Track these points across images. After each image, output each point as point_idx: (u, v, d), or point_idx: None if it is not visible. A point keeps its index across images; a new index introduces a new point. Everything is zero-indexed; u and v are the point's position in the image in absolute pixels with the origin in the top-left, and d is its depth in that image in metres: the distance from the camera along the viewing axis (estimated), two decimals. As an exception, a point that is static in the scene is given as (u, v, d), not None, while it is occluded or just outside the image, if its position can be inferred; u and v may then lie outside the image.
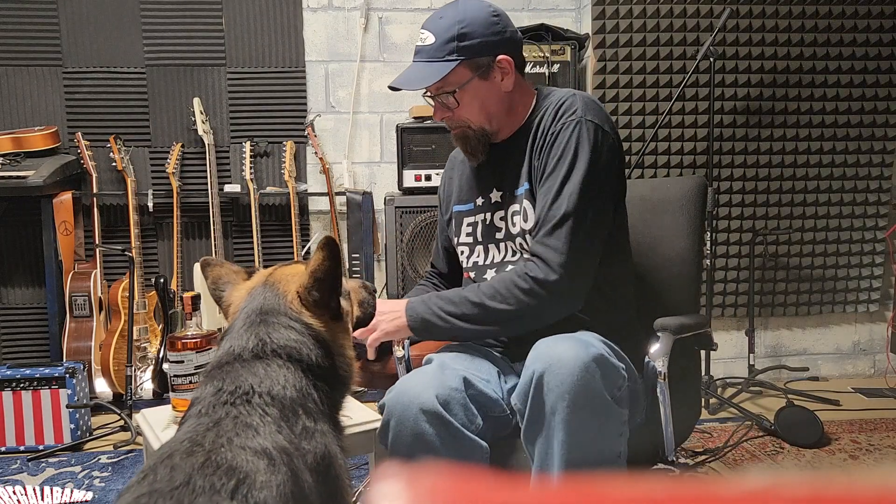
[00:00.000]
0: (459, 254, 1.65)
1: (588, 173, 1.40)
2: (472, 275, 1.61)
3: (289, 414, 0.98)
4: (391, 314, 1.46)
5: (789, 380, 3.38)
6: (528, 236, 1.48)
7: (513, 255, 1.54)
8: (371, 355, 1.49)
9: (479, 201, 1.61)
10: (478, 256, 1.59)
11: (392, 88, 1.52)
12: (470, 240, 1.62)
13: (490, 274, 1.57)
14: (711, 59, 2.93)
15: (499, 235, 1.56)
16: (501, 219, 1.56)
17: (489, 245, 1.58)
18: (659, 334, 1.49)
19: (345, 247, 3.23)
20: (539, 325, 1.41)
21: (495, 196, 1.57)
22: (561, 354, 1.20)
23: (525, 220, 1.50)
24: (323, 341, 1.10)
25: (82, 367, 2.72)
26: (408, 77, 1.50)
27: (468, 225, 1.63)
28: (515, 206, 1.52)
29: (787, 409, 2.76)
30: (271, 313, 1.09)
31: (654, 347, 1.47)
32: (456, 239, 1.65)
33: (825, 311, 3.46)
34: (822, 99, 3.29)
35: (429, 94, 1.53)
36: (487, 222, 1.58)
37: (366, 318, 1.32)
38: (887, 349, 3.51)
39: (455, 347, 1.54)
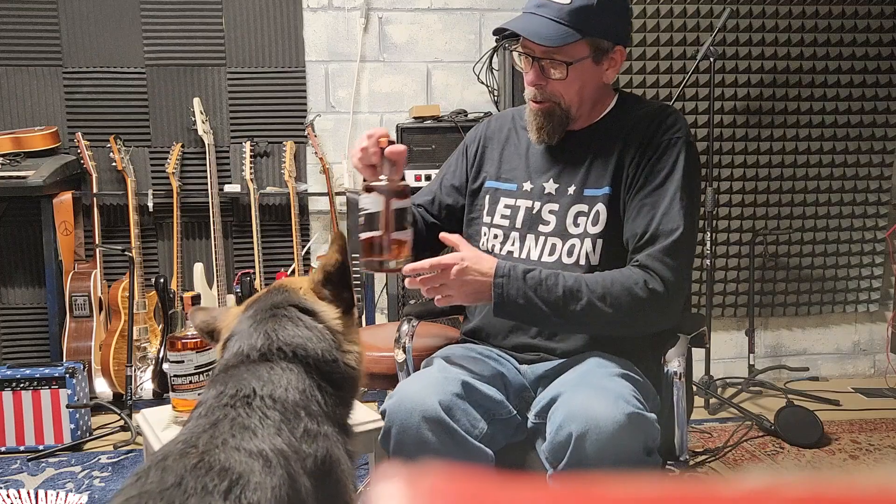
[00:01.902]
0: (490, 236, 1.53)
1: (694, 195, 1.42)
2: None
3: (290, 416, 0.97)
4: (476, 279, 1.31)
5: (789, 380, 3.38)
6: (597, 241, 1.42)
7: (550, 255, 1.46)
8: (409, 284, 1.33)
9: (528, 186, 1.51)
10: (513, 245, 1.50)
11: (500, 33, 1.41)
12: (506, 223, 1.52)
13: None
14: (711, 59, 2.93)
15: (544, 229, 1.47)
16: (552, 212, 1.47)
17: (527, 235, 1.48)
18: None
19: (345, 247, 3.23)
20: (626, 334, 1.41)
21: (549, 187, 1.49)
22: (598, 416, 1.15)
23: (594, 224, 1.43)
24: (333, 332, 1.09)
25: (82, 367, 2.72)
26: (529, 28, 1.38)
27: (506, 207, 1.52)
28: (582, 206, 1.45)
29: (787, 409, 2.76)
30: (281, 305, 1.09)
31: (669, 349, 1.47)
32: (489, 218, 1.54)
33: (825, 311, 3.45)
34: (822, 99, 3.29)
35: (527, 52, 1.42)
36: (534, 211, 1.49)
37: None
38: (887, 349, 3.51)
39: (457, 349, 1.50)
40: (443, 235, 1.41)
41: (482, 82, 3.22)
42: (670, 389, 1.45)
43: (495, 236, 1.52)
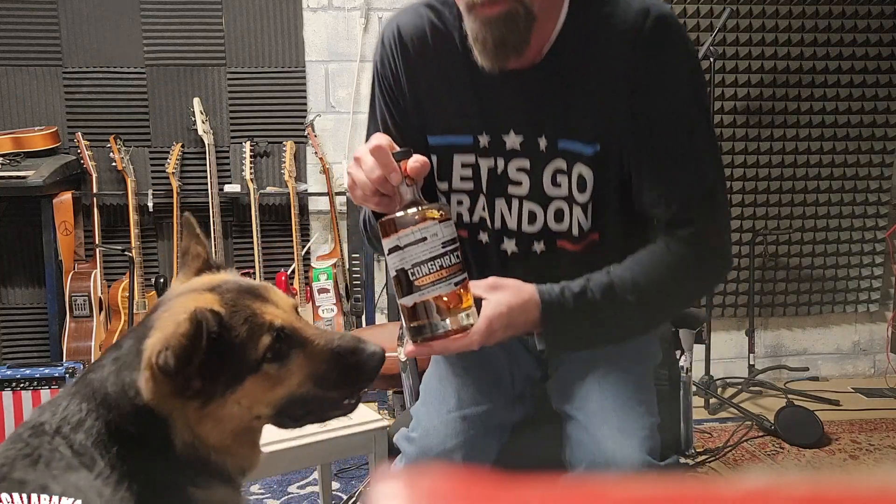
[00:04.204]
0: (453, 203, 1.22)
1: (711, 120, 1.22)
2: (485, 237, 1.22)
3: (85, 459, 0.80)
4: (518, 318, 1.04)
5: (789, 380, 3.38)
6: (587, 207, 1.14)
7: (531, 223, 1.17)
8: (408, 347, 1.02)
9: (486, 140, 1.16)
10: (484, 211, 1.20)
11: None
12: (469, 187, 1.20)
13: (511, 246, 1.21)
14: (711, 59, 2.93)
15: (516, 191, 1.17)
16: (522, 170, 1.16)
17: (496, 199, 1.18)
18: (680, 331, 1.48)
19: (345, 247, 3.23)
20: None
21: (512, 140, 1.15)
22: (618, 462, 1.09)
23: (581, 190, 1.13)
24: (153, 415, 0.82)
25: (82, 367, 2.72)
26: None
27: (464, 167, 1.19)
28: (559, 163, 1.13)
29: (787, 409, 2.76)
30: (123, 358, 0.86)
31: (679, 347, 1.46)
32: (444, 184, 1.20)
33: (825, 311, 3.45)
34: (823, 99, 3.28)
35: None
36: (499, 172, 1.17)
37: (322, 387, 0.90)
38: (887, 349, 3.51)
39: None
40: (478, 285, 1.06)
41: (482, 82, 3.22)
42: (677, 384, 1.46)
43: (459, 202, 1.22)
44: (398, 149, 1.00)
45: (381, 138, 1.01)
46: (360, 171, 1.00)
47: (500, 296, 1.03)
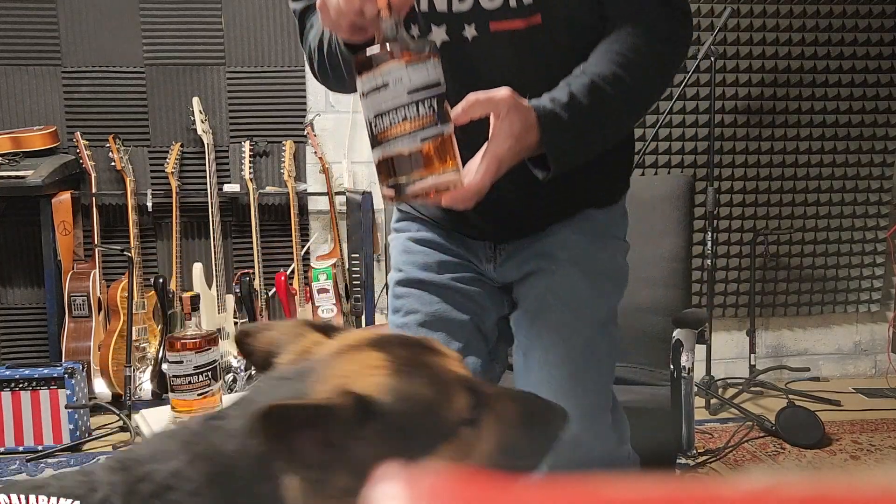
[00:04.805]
0: None
1: None
2: (415, 30, 1.07)
3: None
4: (523, 145, 0.93)
5: (790, 380, 3.38)
6: None
7: (460, 0, 1.03)
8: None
9: None
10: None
11: None
12: None
13: (440, 34, 1.05)
14: (712, 59, 2.93)
15: None
16: None
17: None
18: (681, 332, 1.48)
19: (345, 247, 3.23)
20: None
21: None
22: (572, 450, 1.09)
23: None
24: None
25: (81, 367, 2.71)
26: None
27: None
28: None
29: (788, 409, 2.75)
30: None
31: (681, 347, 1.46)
32: None
33: (826, 311, 3.45)
34: (823, 99, 3.28)
35: None
36: None
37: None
38: (888, 349, 3.50)
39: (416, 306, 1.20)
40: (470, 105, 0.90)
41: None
42: (678, 385, 1.45)
43: None
44: None
45: None
46: None
47: (504, 125, 0.91)
